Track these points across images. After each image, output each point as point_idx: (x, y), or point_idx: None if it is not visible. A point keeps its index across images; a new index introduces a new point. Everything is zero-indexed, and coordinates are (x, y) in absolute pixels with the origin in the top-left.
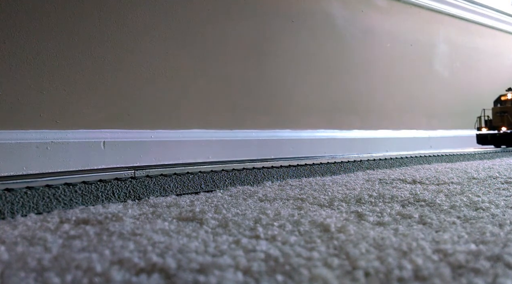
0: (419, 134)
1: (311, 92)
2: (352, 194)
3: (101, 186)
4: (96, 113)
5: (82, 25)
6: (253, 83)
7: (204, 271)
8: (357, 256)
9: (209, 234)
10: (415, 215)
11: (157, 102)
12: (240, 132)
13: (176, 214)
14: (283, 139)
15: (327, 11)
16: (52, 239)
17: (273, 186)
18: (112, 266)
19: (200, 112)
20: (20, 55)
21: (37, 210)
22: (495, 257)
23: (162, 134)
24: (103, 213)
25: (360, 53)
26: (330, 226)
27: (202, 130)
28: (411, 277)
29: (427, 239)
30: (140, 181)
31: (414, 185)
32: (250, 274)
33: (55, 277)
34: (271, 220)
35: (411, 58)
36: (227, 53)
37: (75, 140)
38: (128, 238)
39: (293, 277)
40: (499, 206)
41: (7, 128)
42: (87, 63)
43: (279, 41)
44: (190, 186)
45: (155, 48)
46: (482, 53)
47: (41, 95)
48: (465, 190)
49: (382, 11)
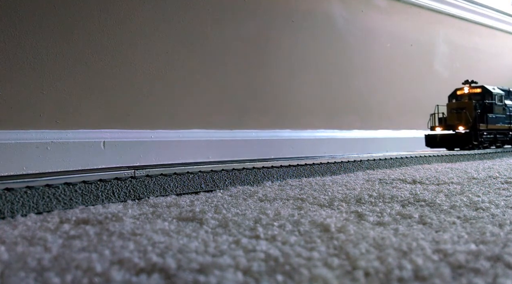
0: (419, 134)
1: (311, 92)
2: (352, 194)
3: (101, 186)
4: (96, 113)
5: (82, 26)
6: (253, 83)
7: (204, 271)
8: (357, 256)
9: (209, 234)
10: (415, 215)
11: (157, 102)
12: (240, 132)
13: (176, 214)
14: (283, 139)
15: (327, 12)
16: (52, 239)
17: (273, 186)
18: (112, 266)
19: (200, 112)
20: (20, 55)
21: (37, 210)
22: (495, 257)
23: (162, 134)
24: (103, 213)
25: (360, 53)
26: (330, 226)
27: (202, 130)
28: (411, 277)
29: (427, 239)
30: (140, 180)
31: (414, 185)
32: (250, 274)
33: (55, 277)
34: (271, 220)
35: (411, 58)
36: (227, 53)
37: (75, 140)
38: (128, 238)
39: (293, 277)
40: (499, 206)
41: (7, 128)
42: (87, 63)
43: (279, 41)
44: (190, 186)
45: (155, 48)
46: (482, 53)
47: (41, 95)
48: (465, 190)
49: (382, 11)
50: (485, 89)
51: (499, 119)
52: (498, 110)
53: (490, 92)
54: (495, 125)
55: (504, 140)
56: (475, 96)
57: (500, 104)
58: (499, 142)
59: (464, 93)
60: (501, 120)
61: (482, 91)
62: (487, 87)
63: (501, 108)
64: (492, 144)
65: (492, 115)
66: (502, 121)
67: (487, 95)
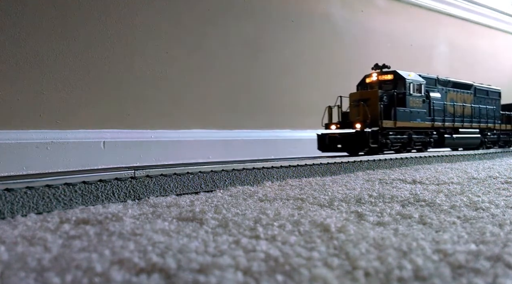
0: None
1: (311, 92)
2: (352, 194)
3: (101, 186)
4: (96, 113)
5: (82, 26)
6: (253, 84)
7: (204, 271)
8: (357, 256)
9: (209, 234)
10: (415, 215)
11: (157, 102)
12: (240, 132)
13: (176, 214)
14: (283, 139)
15: (327, 12)
16: (52, 239)
17: (273, 186)
18: (112, 266)
19: (200, 112)
20: (20, 55)
21: (37, 210)
22: (495, 257)
23: (162, 134)
24: (103, 213)
25: (360, 53)
26: (330, 226)
27: (202, 130)
28: (411, 277)
29: (427, 239)
30: (140, 181)
31: (414, 185)
32: (250, 274)
33: (55, 277)
34: (271, 220)
35: (411, 58)
36: (227, 53)
37: (75, 140)
38: (128, 238)
39: (293, 277)
40: (499, 206)
41: (7, 128)
42: (87, 63)
43: (279, 42)
44: (190, 186)
45: (155, 48)
46: (482, 52)
47: (41, 95)
48: (465, 190)
49: (382, 11)
50: (398, 76)
51: (416, 114)
52: (414, 103)
53: (403, 79)
54: (409, 122)
55: (426, 141)
56: (387, 85)
57: (419, 95)
58: (418, 144)
59: (373, 81)
60: (419, 116)
61: (394, 77)
62: (400, 73)
63: (419, 100)
64: (406, 146)
65: (404, 109)
66: (422, 118)
67: (400, 83)
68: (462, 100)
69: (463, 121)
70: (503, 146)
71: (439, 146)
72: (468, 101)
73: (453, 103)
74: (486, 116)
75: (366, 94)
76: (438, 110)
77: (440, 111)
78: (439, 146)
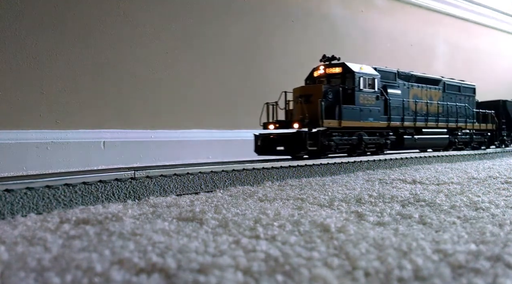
0: None
1: None
2: (352, 194)
3: (101, 187)
4: (96, 113)
5: (82, 26)
6: (253, 83)
7: (204, 271)
8: (357, 256)
9: (209, 234)
10: (415, 215)
11: (157, 102)
12: (240, 132)
13: (176, 214)
14: None
15: (327, 12)
16: (52, 239)
17: (273, 186)
18: (112, 266)
19: (200, 112)
20: (20, 55)
21: (37, 211)
22: (495, 257)
23: (162, 134)
24: (103, 213)
25: (360, 53)
26: (330, 226)
27: (202, 130)
28: (411, 277)
29: (427, 239)
30: (140, 181)
31: (414, 185)
32: (250, 274)
33: (55, 277)
34: (271, 220)
35: (411, 58)
36: (227, 53)
37: (75, 140)
38: (128, 238)
39: (293, 277)
40: (499, 206)
41: (7, 128)
42: (87, 63)
43: (279, 42)
44: (190, 187)
45: (155, 48)
46: (482, 52)
47: (41, 95)
48: (465, 190)
49: (382, 11)
50: (346, 69)
51: (367, 113)
52: (365, 100)
53: (352, 72)
54: (358, 122)
55: (380, 143)
56: (336, 79)
57: (371, 91)
58: (371, 146)
59: (320, 74)
60: (371, 114)
61: (342, 71)
62: (348, 66)
63: (372, 96)
64: (356, 149)
65: (353, 107)
66: (375, 117)
67: (349, 77)
68: (428, 96)
69: (427, 120)
70: (477, 147)
71: (397, 148)
72: (435, 97)
73: (416, 100)
74: (456, 115)
75: (309, 90)
76: (396, 107)
77: (399, 109)
78: (397, 148)
